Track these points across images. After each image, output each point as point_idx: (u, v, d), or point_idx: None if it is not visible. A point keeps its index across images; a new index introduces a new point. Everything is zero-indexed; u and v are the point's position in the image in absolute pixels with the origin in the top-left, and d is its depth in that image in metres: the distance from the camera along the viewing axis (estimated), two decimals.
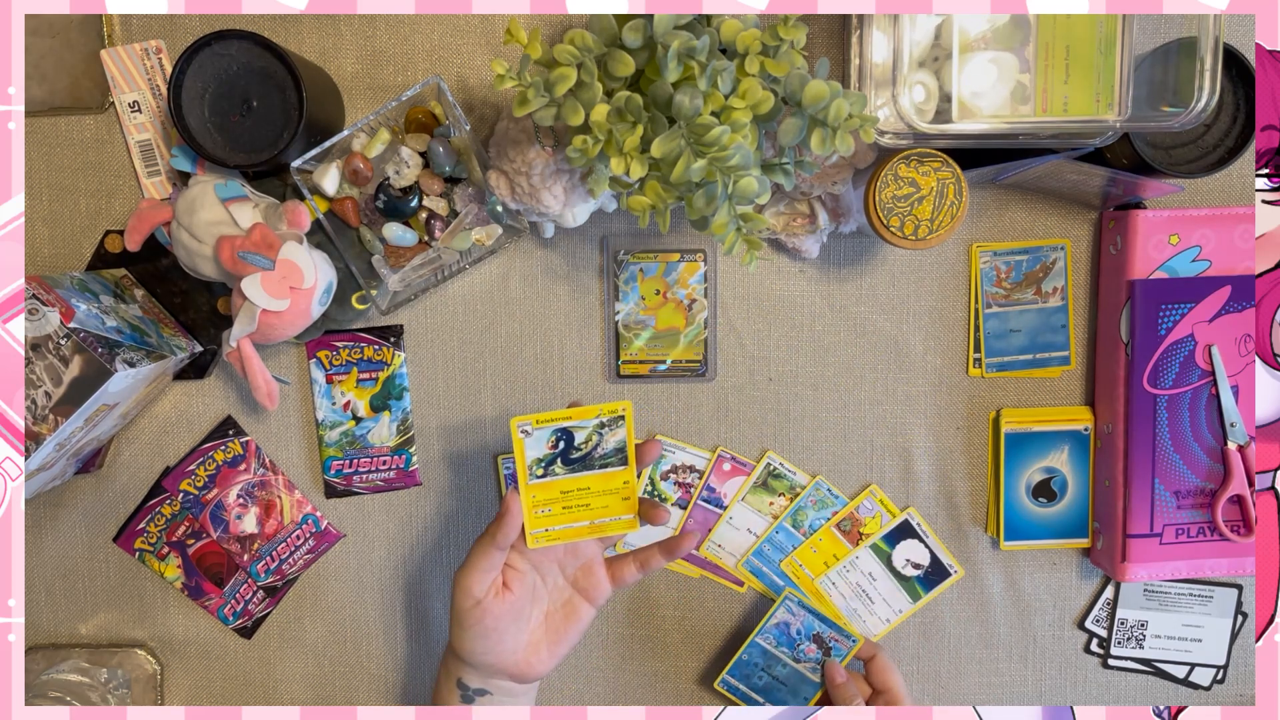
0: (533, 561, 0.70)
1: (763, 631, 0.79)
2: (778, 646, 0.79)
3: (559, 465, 0.67)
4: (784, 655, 0.79)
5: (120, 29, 0.77)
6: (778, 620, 0.79)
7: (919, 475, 0.82)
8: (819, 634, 0.79)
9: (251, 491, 0.82)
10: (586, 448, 0.67)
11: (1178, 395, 0.76)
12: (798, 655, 0.79)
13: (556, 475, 0.67)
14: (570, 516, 0.68)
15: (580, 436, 0.67)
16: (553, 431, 0.66)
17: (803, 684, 0.80)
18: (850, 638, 0.79)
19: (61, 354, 0.65)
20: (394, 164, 0.73)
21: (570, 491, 0.68)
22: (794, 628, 0.79)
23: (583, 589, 0.71)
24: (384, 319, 0.80)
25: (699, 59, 0.59)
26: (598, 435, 0.67)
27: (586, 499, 0.68)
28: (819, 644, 0.79)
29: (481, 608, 0.67)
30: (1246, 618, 0.82)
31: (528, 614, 0.70)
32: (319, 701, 0.84)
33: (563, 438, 0.66)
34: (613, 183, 0.65)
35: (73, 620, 0.83)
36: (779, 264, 0.80)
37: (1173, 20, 0.67)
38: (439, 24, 0.77)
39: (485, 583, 0.67)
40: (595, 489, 0.68)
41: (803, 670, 0.80)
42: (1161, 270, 0.75)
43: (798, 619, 0.79)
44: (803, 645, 0.79)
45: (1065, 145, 0.68)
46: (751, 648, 0.79)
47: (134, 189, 0.79)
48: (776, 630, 0.79)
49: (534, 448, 0.66)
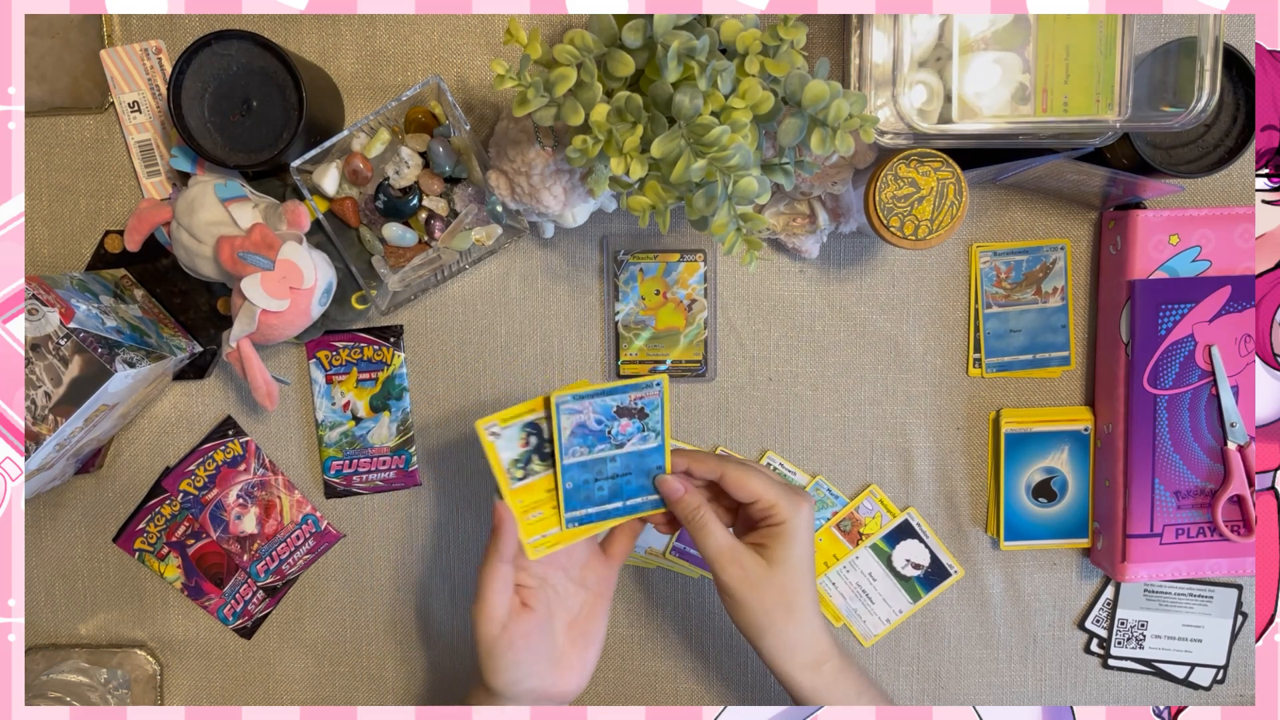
0: (539, 573, 0.68)
1: (565, 451, 0.64)
2: (593, 449, 0.65)
3: (537, 462, 0.65)
4: (604, 451, 0.66)
5: (120, 29, 0.77)
6: (569, 429, 0.64)
7: (919, 475, 0.82)
8: (619, 406, 0.65)
9: (251, 492, 0.82)
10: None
11: (1178, 395, 0.76)
12: (619, 439, 0.66)
13: (537, 474, 0.65)
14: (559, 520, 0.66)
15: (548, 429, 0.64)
16: (522, 427, 0.64)
17: (645, 458, 0.67)
18: (654, 384, 0.65)
19: (61, 354, 0.65)
20: (394, 164, 0.73)
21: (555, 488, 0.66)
22: (590, 420, 0.65)
23: (591, 585, 0.69)
24: (384, 319, 0.80)
25: (699, 59, 0.59)
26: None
27: None
28: (628, 414, 0.65)
29: (508, 633, 0.64)
30: (1246, 618, 0.82)
31: (551, 628, 0.67)
32: (319, 701, 0.84)
33: (534, 432, 0.64)
34: (613, 183, 0.65)
35: (73, 620, 0.83)
36: (779, 264, 0.80)
37: (1173, 20, 0.67)
38: (439, 24, 0.77)
39: (503, 605, 0.64)
40: None
41: (634, 448, 0.66)
42: (1161, 270, 0.75)
43: (585, 411, 0.64)
44: (614, 427, 0.65)
45: (1065, 145, 0.68)
46: (567, 473, 0.65)
47: (134, 189, 0.79)
48: (578, 438, 0.65)
49: (507, 449, 0.64)
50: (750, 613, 0.64)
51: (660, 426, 0.66)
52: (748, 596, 0.64)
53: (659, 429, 0.66)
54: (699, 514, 0.65)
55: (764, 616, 0.64)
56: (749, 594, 0.64)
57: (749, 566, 0.64)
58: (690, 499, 0.66)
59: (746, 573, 0.64)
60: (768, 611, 0.64)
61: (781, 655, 0.65)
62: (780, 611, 0.64)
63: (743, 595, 0.64)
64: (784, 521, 0.64)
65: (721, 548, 0.65)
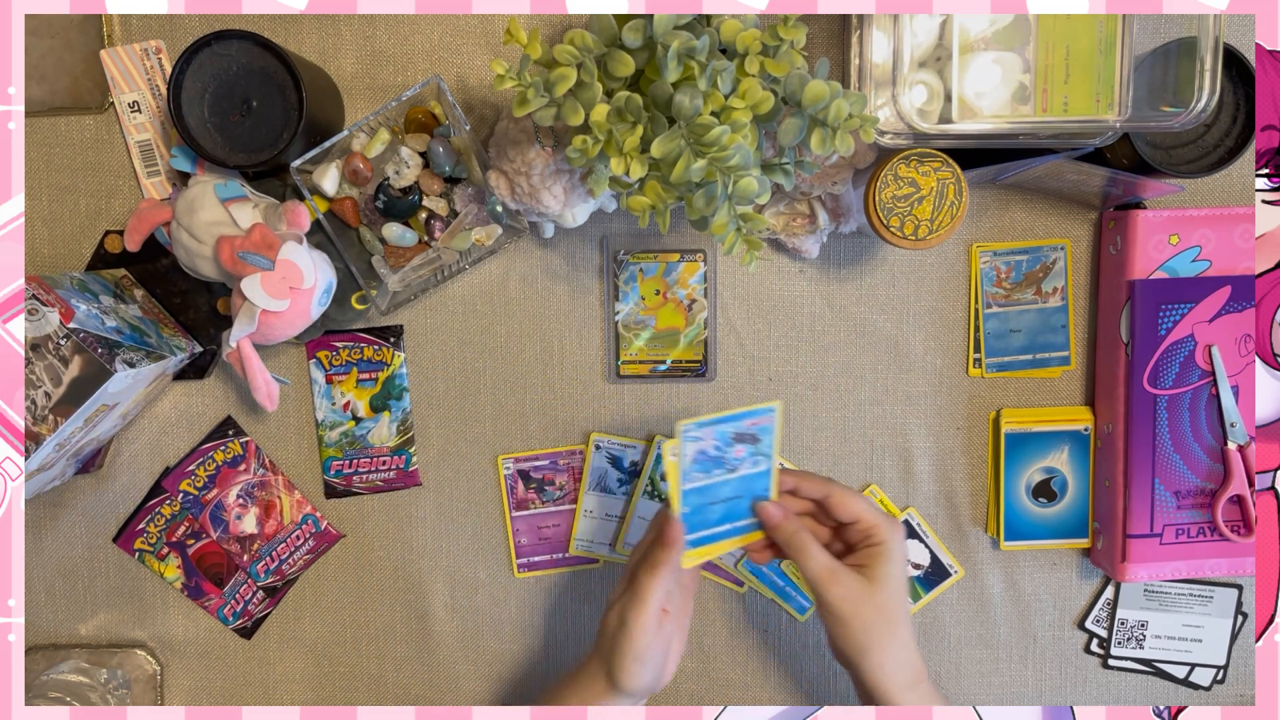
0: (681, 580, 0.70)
1: (686, 476, 0.66)
2: (709, 474, 0.67)
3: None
4: (719, 476, 0.67)
5: (120, 29, 0.77)
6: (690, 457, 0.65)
7: (919, 475, 0.82)
8: (737, 433, 0.67)
9: (251, 492, 0.82)
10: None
11: (1178, 395, 0.76)
12: (733, 465, 0.67)
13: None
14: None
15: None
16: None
17: (753, 482, 0.68)
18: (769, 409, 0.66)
19: (61, 354, 0.65)
20: (394, 164, 0.73)
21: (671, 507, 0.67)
22: (710, 446, 0.66)
23: (682, 579, 0.71)
24: (384, 319, 0.80)
25: (699, 59, 0.59)
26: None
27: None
28: (743, 440, 0.67)
29: (662, 637, 0.66)
30: (1246, 618, 0.82)
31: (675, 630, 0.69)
32: (319, 701, 0.84)
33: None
34: (613, 183, 0.65)
35: (73, 620, 0.83)
36: (779, 264, 0.80)
37: (1173, 20, 0.67)
38: (439, 24, 0.77)
39: (659, 613, 0.66)
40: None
41: (745, 471, 0.68)
42: (1161, 270, 0.75)
43: (706, 439, 0.66)
44: (729, 453, 0.67)
45: (1065, 145, 0.68)
46: (687, 498, 0.66)
47: (134, 189, 0.79)
48: (697, 465, 0.66)
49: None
50: (853, 631, 0.65)
51: (769, 451, 0.67)
52: (851, 615, 0.65)
53: (768, 453, 0.67)
54: (798, 537, 0.67)
55: (866, 635, 0.65)
56: (852, 612, 0.65)
57: (851, 585, 0.65)
58: (788, 524, 0.67)
59: (849, 592, 0.65)
60: (870, 630, 0.65)
61: (883, 674, 0.66)
62: (881, 629, 0.65)
63: (846, 614, 0.65)
64: (884, 542, 0.66)
65: (823, 568, 0.66)
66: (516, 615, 0.84)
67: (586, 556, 0.83)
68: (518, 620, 0.84)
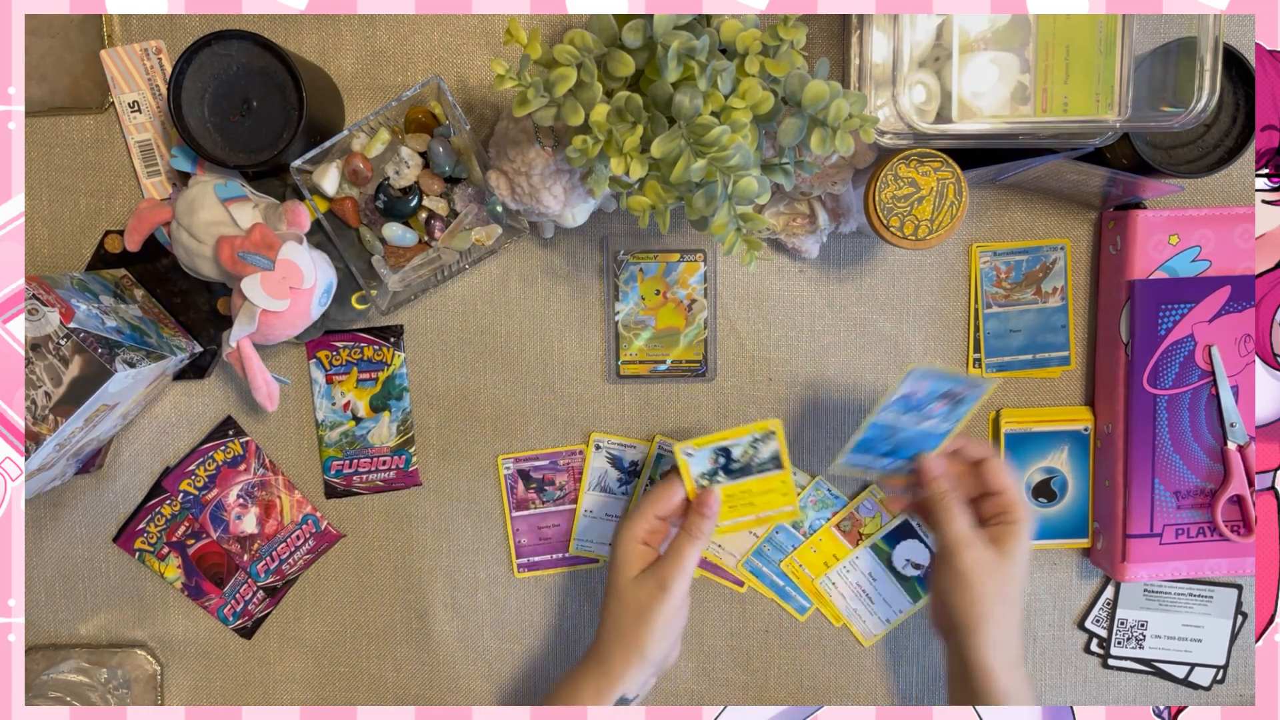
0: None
1: (885, 408, 0.70)
2: (902, 415, 0.71)
3: (721, 475, 0.72)
4: (908, 421, 0.71)
5: (120, 29, 0.77)
6: (900, 395, 0.70)
7: None
8: (949, 391, 0.70)
9: (251, 492, 0.82)
10: (744, 460, 0.71)
11: (1178, 395, 0.76)
12: (926, 417, 0.71)
13: (720, 483, 0.72)
14: (736, 513, 0.73)
15: (737, 452, 0.71)
16: (713, 450, 0.71)
17: (929, 438, 0.73)
18: (986, 383, 0.70)
19: (61, 354, 0.65)
20: (394, 164, 0.73)
21: (734, 494, 0.72)
22: (917, 396, 0.70)
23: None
24: (384, 319, 0.80)
25: (699, 59, 0.59)
26: (753, 450, 0.71)
27: (750, 499, 0.73)
28: (949, 399, 0.71)
29: (684, 608, 0.70)
30: (1246, 618, 0.82)
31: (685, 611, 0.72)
32: (319, 701, 0.84)
33: (722, 454, 0.71)
34: (613, 183, 0.65)
35: (73, 620, 0.83)
36: (779, 264, 0.80)
37: (1173, 20, 0.67)
38: (439, 24, 0.77)
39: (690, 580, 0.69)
40: (755, 490, 0.72)
41: (928, 427, 0.72)
42: (1161, 270, 0.75)
43: (921, 388, 0.70)
44: (929, 406, 0.71)
45: (1065, 145, 0.68)
46: (873, 428, 0.71)
47: (134, 189, 0.79)
48: (899, 403, 0.70)
49: (697, 465, 0.71)
50: (973, 601, 0.67)
51: (959, 418, 0.72)
52: (976, 583, 0.67)
53: (956, 420, 0.72)
54: (948, 497, 0.69)
55: (984, 606, 0.67)
56: (979, 581, 0.67)
57: (984, 555, 0.67)
58: (943, 483, 0.70)
59: (981, 560, 0.67)
60: (991, 602, 0.67)
61: (990, 649, 0.67)
62: (1000, 603, 0.67)
63: (973, 580, 0.67)
64: (1020, 521, 0.69)
65: (963, 532, 0.68)
66: (516, 615, 0.84)
67: (586, 556, 0.83)
68: (518, 620, 0.84)
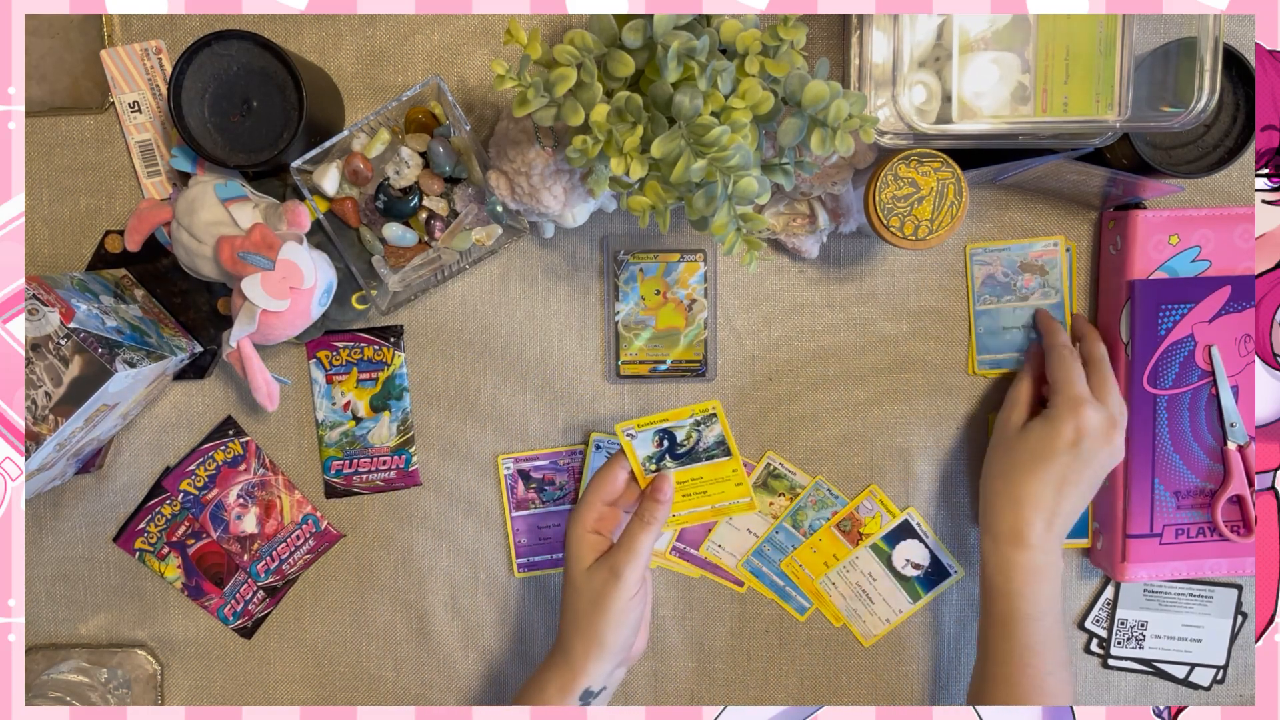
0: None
1: (978, 297, 0.77)
2: (1001, 299, 0.77)
3: (668, 460, 0.73)
4: (1009, 303, 0.77)
5: (120, 29, 0.77)
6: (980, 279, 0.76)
7: (919, 475, 0.82)
8: (1023, 261, 0.77)
9: (251, 491, 0.82)
10: (690, 443, 0.73)
11: (1178, 395, 0.76)
12: (1024, 294, 0.77)
13: (669, 468, 0.73)
14: (690, 504, 0.74)
15: (680, 434, 0.72)
16: (655, 432, 0.72)
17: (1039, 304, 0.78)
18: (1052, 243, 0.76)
19: (61, 354, 0.65)
20: (394, 164, 0.73)
21: (685, 482, 0.73)
22: (998, 271, 0.76)
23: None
24: (384, 319, 0.80)
25: (699, 59, 0.59)
26: (696, 432, 0.72)
27: (702, 487, 0.74)
28: (1030, 270, 0.77)
29: (640, 596, 0.70)
30: (1246, 618, 0.82)
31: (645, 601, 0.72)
32: (319, 701, 0.84)
33: (665, 437, 0.72)
34: (613, 183, 0.65)
35: (73, 620, 0.83)
36: (779, 264, 0.80)
37: (1173, 20, 0.67)
38: (439, 24, 0.77)
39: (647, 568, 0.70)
40: (707, 478, 0.73)
41: (1037, 301, 0.78)
42: (1161, 270, 0.75)
43: (994, 263, 0.76)
44: (1018, 281, 0.77)
45: (1065, 145, 0.68)
46: (980, 318, 0.78)
47: (134, 189, 0.79)
48: (987, 288, 0.76)
49: (641, 448, 0.72)
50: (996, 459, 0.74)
51: (1059, 284, 0.76)
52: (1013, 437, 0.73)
53: (1058, 286, 0.76)
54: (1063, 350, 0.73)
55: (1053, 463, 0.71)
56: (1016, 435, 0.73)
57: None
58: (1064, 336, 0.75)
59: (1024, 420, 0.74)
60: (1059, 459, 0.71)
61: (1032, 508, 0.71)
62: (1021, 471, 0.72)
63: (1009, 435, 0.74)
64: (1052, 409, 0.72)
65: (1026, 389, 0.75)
66: (516, 615, 0.84)
67: None
68: (518, 620, 0.84)
